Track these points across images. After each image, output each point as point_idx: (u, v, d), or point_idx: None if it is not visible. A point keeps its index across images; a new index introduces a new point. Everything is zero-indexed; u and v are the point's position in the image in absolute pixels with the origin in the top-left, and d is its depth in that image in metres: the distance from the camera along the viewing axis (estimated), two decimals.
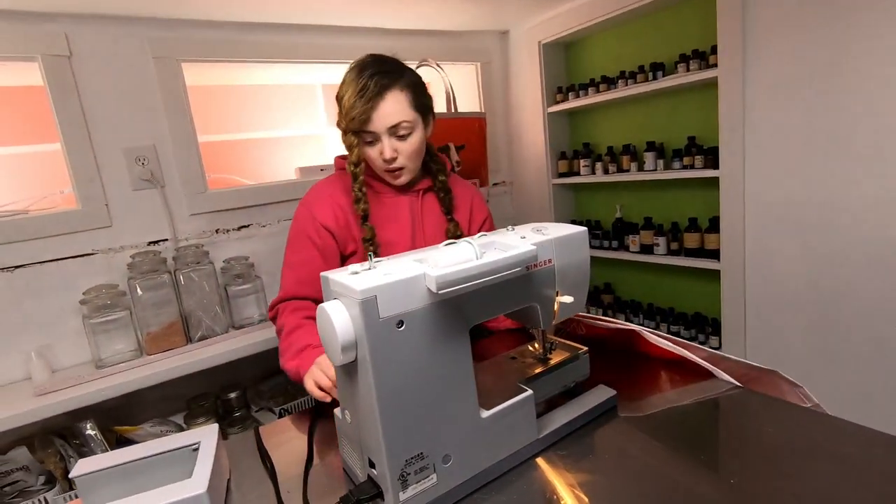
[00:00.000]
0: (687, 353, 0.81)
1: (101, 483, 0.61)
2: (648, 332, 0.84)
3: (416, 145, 1.00)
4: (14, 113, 1.72)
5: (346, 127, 0.96)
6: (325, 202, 1.04)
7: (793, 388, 0.74)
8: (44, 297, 1.46)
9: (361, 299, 0.49)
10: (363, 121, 0.94)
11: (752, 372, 0.77)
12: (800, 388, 0.73)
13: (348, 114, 0.94)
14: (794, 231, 1.53)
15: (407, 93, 0.97)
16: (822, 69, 1.39)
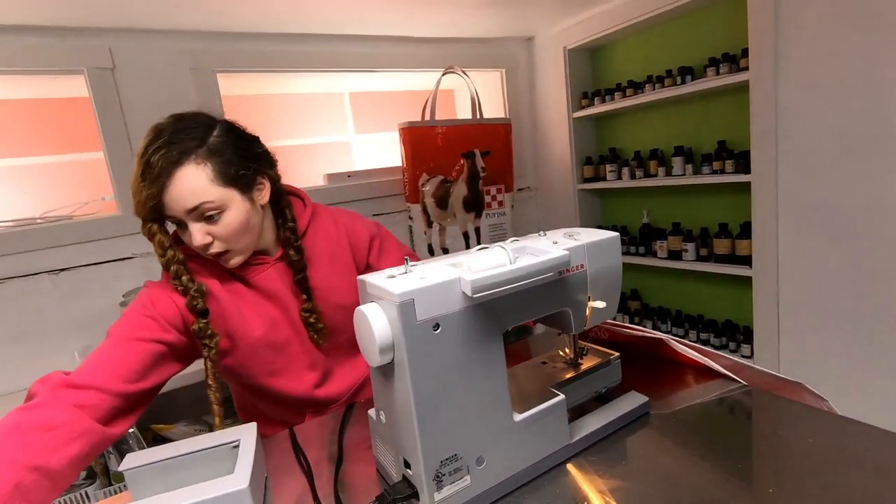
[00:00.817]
0: (709, 361, 0.80)
1: (148, 476, 0.63)
2: (672, 340, 0.83)
3: (235, 225, 0.80)
4: (60, 123, 1.80)
5: (137, 214, 0.78)
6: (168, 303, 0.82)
7: (817, 401, 0.72)
8: (86, 299, 1.52)
9: (399, 302, 0.50)
10: (152, 207, 0.76)
11: (775, 382, 0.76)
12: (825, 402, 0.72)
13: (134, 198, 0.76)
14: (831, 237, 1.48)
15: (206, 165, 0.77)
16: (859, 70, 1.36)
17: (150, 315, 0.80)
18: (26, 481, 0.60)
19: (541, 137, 2.49)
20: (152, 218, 0.78)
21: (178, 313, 0.82)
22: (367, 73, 2.04)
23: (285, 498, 0.65)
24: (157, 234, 0.79)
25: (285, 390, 0.93)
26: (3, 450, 0.61)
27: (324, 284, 0.94)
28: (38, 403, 0.68)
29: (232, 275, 0.88)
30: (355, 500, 0.62)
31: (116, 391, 0.73)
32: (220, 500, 0.54)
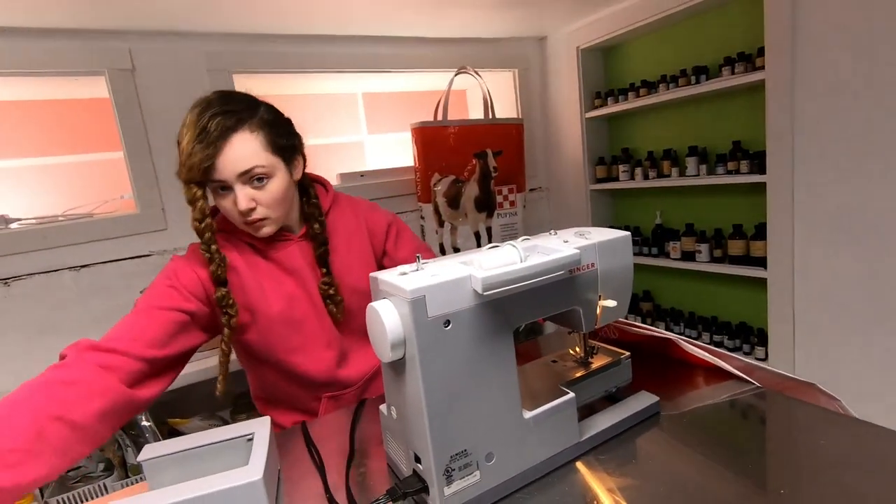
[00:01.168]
0: (719, 361, 0.79)
1: (165, 467, 0.65)
2: (681, 340, 0.83)
3: (278, 193, 0.85)
4: (81, 124, 1.85)
5: (186, 177, 0.81)
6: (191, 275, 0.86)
7: (830, 401, 0.72)
8: (105, 295, 1.56)
9: (411, 298, 0.51)
10: (205, 169, 0.80)
11: (787, 382, 0.75)
12: (837, 402, 0.71)
13: (186, 162, 0.80)
14: (848, 239, 1.46)
15: (258, 134, 0.83)
16: (879, 70, 1.33)
17: (173, 286, 0.84)
18: (48, 430, 0.63)
19: (553, 137, 2.48)
20: (198, 182, 0.81)
21: (200, 285, 0.85)
22: (381, 73, 2.05)
23: (297, 491, 0.66)
24: (200, 201, 0.82)
25: (303, 368, 0.95)
26: (29, 401, 0.65)
27: (341, 266, 0.97)
28: (65, 363, 0.72)
29: (253, 250, 0.92)
30: (366, 494, 0.63)
31: (140, 356, 0.77)
32: (234, 491, 0.56)
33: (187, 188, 0.82)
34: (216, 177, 0.81)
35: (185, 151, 0.80)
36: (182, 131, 0.82)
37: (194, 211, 0.83)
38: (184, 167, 0.80)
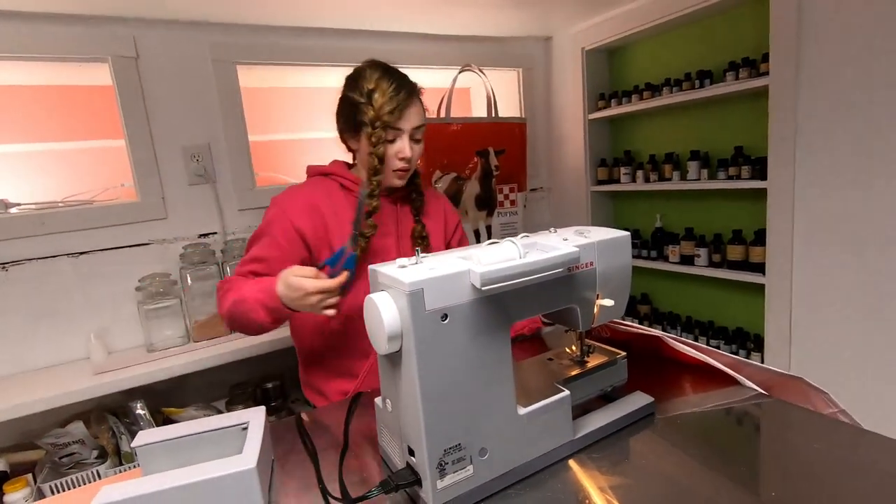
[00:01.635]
0: (709, 358, 0.80)
1: (159, 454, 0.65)
2: (670, 338, 0.83)
3: (421, 152, 1.06)
4: (84, 110, 1.84)
5: (383, 121, 0.97)
6: (302, 207, 1.01)
7: (818, 395, 0.72)
8: (103, 283, 1.56)
9: (409, 291, 0.51)
10: (397, 117, 0.98)
11: (775, 377, 0.76)
12: (825, 394, 0.72)
13: (383, 107, 0.97)
14: (850, 248, 1.46)
15: (421, 102, 1.04)
16: (884, 78, 1.33)
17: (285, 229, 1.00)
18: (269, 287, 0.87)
19: (555, 138, 2.48)
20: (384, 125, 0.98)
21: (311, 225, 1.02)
22: None
23: (291, 481, 0.67)
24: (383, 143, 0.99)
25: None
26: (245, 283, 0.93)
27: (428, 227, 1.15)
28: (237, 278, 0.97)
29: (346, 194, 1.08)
30: (359, 485, 0.63)
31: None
32: (227, 479, 0.56)
33: (375, 131, 0.98)
34: (399, 124, 0.99)
35: (381, 100, 0.97)
36: (365, 84, 0.99)
37: (378, 148, 0.98)
38: (378, 112, 0.97)
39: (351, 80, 1.04)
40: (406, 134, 1.01)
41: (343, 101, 1.04)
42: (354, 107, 1.00)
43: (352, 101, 1.01)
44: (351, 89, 1.02)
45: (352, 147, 1.08)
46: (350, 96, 1.02)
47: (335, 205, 1.04)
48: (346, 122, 1.04)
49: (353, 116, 1.01)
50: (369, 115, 0.98)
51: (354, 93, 1.01)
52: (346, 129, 1.05)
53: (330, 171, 1.09)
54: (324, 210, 1.02)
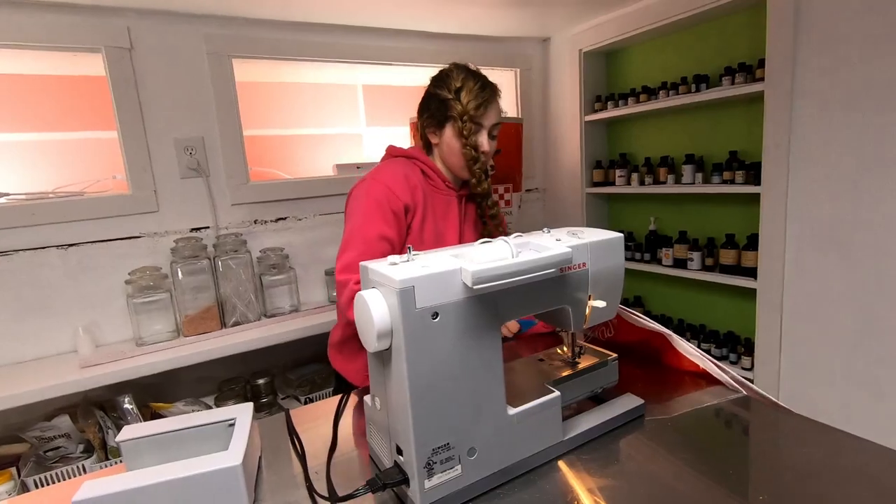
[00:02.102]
0: (716, 370, 0.80)
1: (144, 449, 0.64)
2: (679, 339, 0.83)
3: (494, 149, 1.16)
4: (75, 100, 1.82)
5: (470, 115, 1.08)
6: (404, 185, 1.10)
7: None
8: (93, 276, 1.54)
9: (400, 289, 0.50)
10: (483, 112, 1.09)
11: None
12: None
13: (471, 101, 1.08)
14: (841, 254, 1.47)
15: (498, 102, 1.15)
16: (878, 86, 1.34)
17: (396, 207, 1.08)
18: None
19: (552, 139, 2.48)
20: (471, 119, 1.08)
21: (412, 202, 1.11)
22: (382, 66, 2.04)
23: (278, 478, 0.66)
24: (474, 135, 1.10)
25: None
26: None
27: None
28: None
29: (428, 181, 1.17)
30: (347, 484, 0.63)
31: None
32: (212, 476, 0.55)
33: (466, 124, 1.08)
34: (482, 120, 1.10)
35: (470, 95, 1.08)
36: (452, 83, 1.10)
37: (471, 138, 1.09)
38: (470, 103, 1.08)
39: (438, 79, 1.15)
40: (485, 130, 1.11)
41: (430, 97, 1.15)
42: (442, 103, 1.11)
43: (439, 97, 1.11)
44: (438, 87, 1.12)
45: (433, 141, 1.17)
46: (438, 93, 1.12)
47: (423, 186, 1.13)
48: (431, 117, 1.14)
49: (439, 111, 1.11)
50: (457, 110, 1.09)
51: (443, 90, 1.11)
52: (430, 123, 1.15)
53: (414, 155, 1.17)
54: (418, 188, 1.11)
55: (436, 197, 1.16)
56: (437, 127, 1.14)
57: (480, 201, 1.24)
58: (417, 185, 1.12)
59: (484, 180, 1.14)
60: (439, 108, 1.12)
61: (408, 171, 1.13)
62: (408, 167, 1.14)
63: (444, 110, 1.11)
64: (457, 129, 1.10)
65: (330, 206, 1.93)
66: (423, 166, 1.16)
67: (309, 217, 1.90)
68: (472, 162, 1.11)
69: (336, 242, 1.94)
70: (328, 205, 1.93)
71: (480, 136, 1.11)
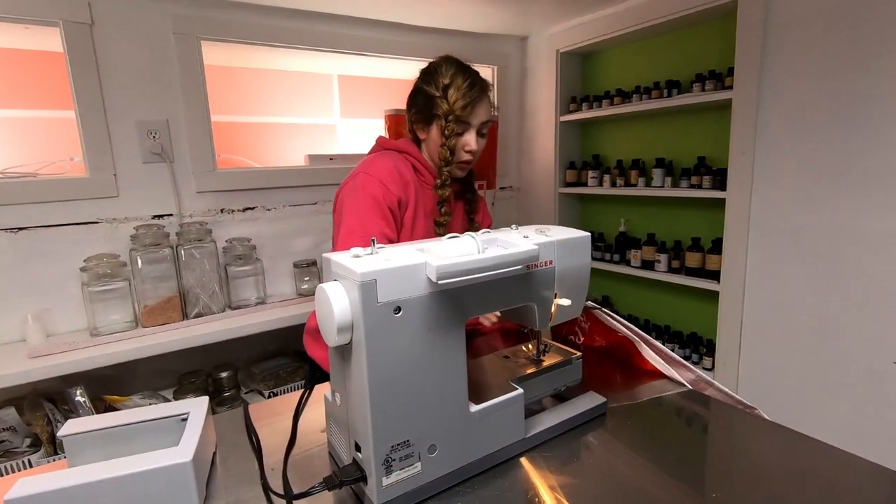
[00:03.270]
0: (674, 373, 0.81)
1: (89, 445, 0.61)
2: (645, 345, 0.84)
3: (483, 147, 1.14)
4: (31, 77, 1.72)
5: (455, 115, 1.06)
6: (396, 180, 1.08)
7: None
8: (45, 262, 1.47)
9: (361, 282, 0.49)
10: (470, 111, 1.06)
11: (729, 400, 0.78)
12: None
13: (456, 102, 1.05)
14: (799, 259, 1.53)
15: (489, 98, 1.12)
16: (840, 98, 1.39)
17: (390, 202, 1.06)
18: None
19: (527, 138, 2.49)
20: (456, 119, 1.06)
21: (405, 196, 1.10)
22: (358, 56, 2.00)
23: (231, 476, 0.64)
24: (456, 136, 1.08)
25: None
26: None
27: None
28: None
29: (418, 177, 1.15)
30: (304, 481, 0.61)
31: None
32: (160, 472, 0.53)
33: (449, 124, 1.06)
34: (469, 118, 1.07)
35: (457, 93, 1.05)
36: (440, 79, 1.07)
37: (450, 140, 1.07)
38: (457, 102, 1.05)
39: (426, 74, 1.11)
40: (474, 128, 1.09)
41: (418, 92, 1.12)
42: (429, 99, 1.08)
43: (427, 93, 1.08)
44: (426, 82, 1.09)
45: (420, 136, 1.15)
46: (425, 89, 1.09)
47: (414, 182, 1.11)
48: (419, 113, 1.12)
49: (426, 108, 1.09)
50: (443, 109, 1.06)
51: (430, 86, 1.08)
52: (418, 118, 1.13)
53: (405, 149, 1.15)
54: (410, 183, 1.09)
55: (426, 193, 1.14)
56: (424, 123, 1.12)
57: (469, 197, 1.23)
58: (409, 181, 1.11)
59: (447, 185, 1.11)
60: (426, 105, 1.09)
61: (399, 165, 1.11)
62: (399, 161, 1.12)
63: (430, 108, 1.09)
64: (440, 126, 1.08)
65: (301, 196, 1.89)
66: (413, 161, 1.14)
67: (278, 208, 1.85)
68: (443, 163, 1.09)
69: (306, 234, 1.91)
70: (299, 196, 1.89)
71: (468, 135, 1.10)
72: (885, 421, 1.39)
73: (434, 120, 1.09)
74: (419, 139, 1.17)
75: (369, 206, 1.04)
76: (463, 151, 1.10)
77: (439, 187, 1.10)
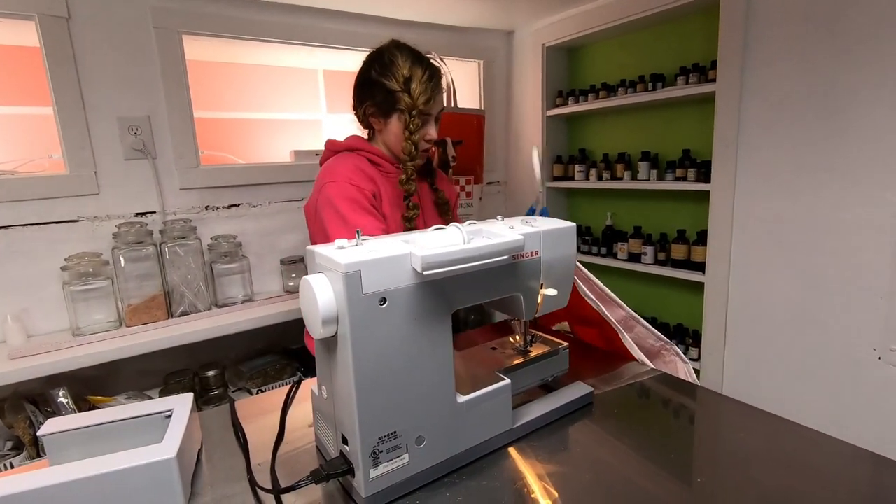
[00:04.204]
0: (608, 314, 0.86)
1: (70, 444, 0.60)
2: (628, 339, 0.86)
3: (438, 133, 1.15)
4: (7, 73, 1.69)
5: (419, 109, 1.05)
6: (362, 177, 1.07)
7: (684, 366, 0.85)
8: (25, 261, 1.43)
9: (346, 273, 0.48)
10: (431, 104, 1.07)
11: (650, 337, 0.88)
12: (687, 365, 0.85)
13: (421, 95, 1.04)
14: (781, 249, 1.55)
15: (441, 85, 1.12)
16: (821, 91, 1.41)
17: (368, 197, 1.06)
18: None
19: (514, 132, 2.50)
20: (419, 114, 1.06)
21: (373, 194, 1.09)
22: (343, 50, 1.99)
23: (217, 472, 0.63)
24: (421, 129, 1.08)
25: None
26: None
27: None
28: None
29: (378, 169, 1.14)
30: (292, 475, 0.61)
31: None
32: (143, 470, 0.52)
33: (414, 119, 1.05)
34: (430, 109, 1.07)
35: (420, 87, 1.04)
36: (401, 71, 1.05)
37: (415, 135, 1.06)
38: (420, 97, 1.04)
39: (382, 66, 1.07)
40: (433, 118, 1.10)
41: (373, 84, 1.08)
42: (389, 94, 1.06)
43: (386, 87, 1.06)
44: (383, 75, 1.06)
45: (376, 127, 1.14)
46: (384, 83, 1.06)
47: (375, 175, 1.10)
48: (376, 106, 1.09)
49: (386, 102, 1.07)
50: (406, 103, 1.05)
51: (389, 80, 1.05)
52: (375, 112, 1.11)
53: (357, 146, 1.14)
54: (374, 177, 1.09)
55: (390, 181, 1.13)
56: (382, 116, 1.11)
57: (429, 169, 1.24)
58: (373, 175, 1.10)
59: (413, 180, 1.09)
60: (386, 99, 1.07)
61: (358, 163, 1.10)
62: (355, 159, 1.11)
63: (391, 102, 1.07)
64: (403, 121, 1.07)
65: (286, 193, 1.87)
66: (368, 155, 1.13)
67: (264, 204, 1.83)
68: (408, 157, 1.08)
69: (293, 230, 1.89)
70: (285, 192, 1.87)
71: (429, 127, 1.10)
72: (866, 406, 1.42)
73: (393, 113, 1.08)
74: (371, 129, 1.16)
75: (350, 209, 1.02)
76: (423, 141, 1.11)
77: (405, 182, 1.08)
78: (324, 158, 1.19)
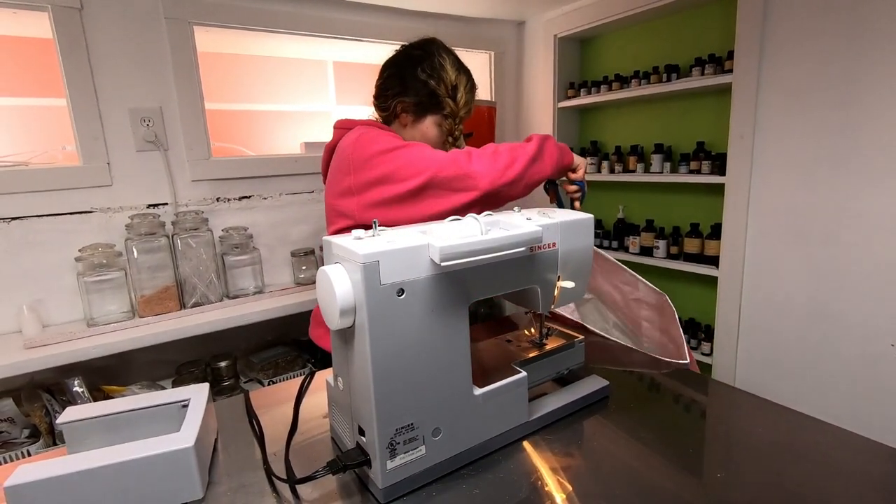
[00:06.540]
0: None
1: (88, 432, 0.60)
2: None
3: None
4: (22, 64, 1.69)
5: (460, 116, 1.09)
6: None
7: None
8: (39, 252, 1.45)
9: (364, 263, 0.48)
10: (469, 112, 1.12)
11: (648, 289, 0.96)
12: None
13: (465, 105, 1.09)
14: (797, 243, 1.53)
15: None
16: (838, 82, 1.38)
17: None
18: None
19: (524, 124, 2.47)
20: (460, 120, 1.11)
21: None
22: (354, 42, 1.98)
23: (234, 462, 0.63)
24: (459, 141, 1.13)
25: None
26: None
27: None
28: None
29: None
30: (308, 466, 0.61)
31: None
32: (162, 458, 0.52)
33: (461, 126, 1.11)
34: (465, 113, 1.11)
35: (465, 97, 1.08)
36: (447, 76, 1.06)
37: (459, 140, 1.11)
38: (464, 106, 1.09)
39: (431, 68, 1.06)
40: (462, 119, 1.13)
41: (416, 81, 1.06)
42: (432, 95, 1.06)
43: (430, 88, 1.06)
44: (430, 76, 1.06)
45: (404, 122, 1.11)
46: (428, 83, 1.06)
47: None
48: (415, 104, 1.07)
49: (428, 102, 1.07)
50: (451, 109, 1.08)
51: (436, 82, 1.06)
52: (411, 108, 1.08)
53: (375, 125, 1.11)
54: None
55: None
56: (417, 114, 1.09)
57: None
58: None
59: None
60: (429, 100, 1.07)
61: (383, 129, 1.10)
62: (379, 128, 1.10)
63: (433, 103, 1.07)
64: (444, 126, 1.09)
65: (297, 185, 1.87)
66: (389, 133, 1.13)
67: (275, 196, 1.84)
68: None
69: (303, 222, 1.89)
70: (295, 184, 1.87)
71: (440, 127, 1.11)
72: (882, 402, 1.40)
73: (430, 114, 1.08)
74: (390, 117, 1.12)
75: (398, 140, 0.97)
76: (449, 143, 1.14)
77: None
78: (337, 138, 1.11)
